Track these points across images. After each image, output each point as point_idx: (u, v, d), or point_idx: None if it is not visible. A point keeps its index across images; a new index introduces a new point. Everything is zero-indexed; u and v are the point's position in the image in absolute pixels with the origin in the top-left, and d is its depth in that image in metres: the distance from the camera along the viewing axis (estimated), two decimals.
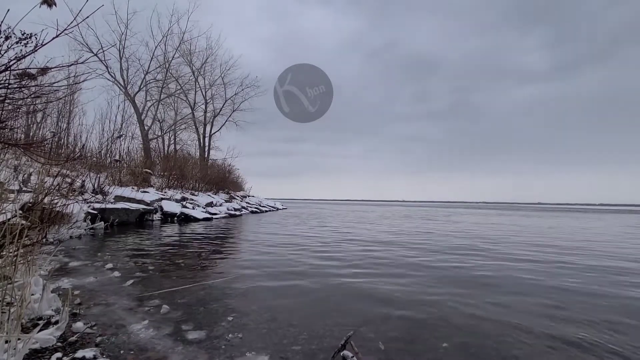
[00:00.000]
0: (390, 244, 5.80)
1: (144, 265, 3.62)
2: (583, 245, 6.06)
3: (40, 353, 1.55)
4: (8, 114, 2.64)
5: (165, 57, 16.57)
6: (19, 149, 4.19)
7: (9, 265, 1.84)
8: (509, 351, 1.73)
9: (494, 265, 4.07)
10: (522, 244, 6.18)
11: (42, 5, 1.85)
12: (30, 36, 2.07)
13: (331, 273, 3.48)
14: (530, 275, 3.51)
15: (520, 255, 4.85)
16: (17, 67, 2.15)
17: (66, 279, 2.89)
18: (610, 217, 19.86)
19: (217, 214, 12.46)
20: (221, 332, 1.88)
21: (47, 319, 1.90)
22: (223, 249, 5.01)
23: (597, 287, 3.11)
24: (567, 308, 2.46)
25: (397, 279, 3.26)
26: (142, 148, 15.64)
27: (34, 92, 2.57)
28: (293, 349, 1.70)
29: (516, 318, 2.21)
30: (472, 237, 7.11)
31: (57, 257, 3.78)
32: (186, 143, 20.51)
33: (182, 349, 1.66)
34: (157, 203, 10.18)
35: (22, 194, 4.80)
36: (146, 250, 4.58)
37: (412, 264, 4.07)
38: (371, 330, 1.97)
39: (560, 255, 4.85)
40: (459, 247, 5.60)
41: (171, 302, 2.34)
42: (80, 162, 9.50)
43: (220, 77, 19.94)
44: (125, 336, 1.77)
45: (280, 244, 5.59)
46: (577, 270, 3.83)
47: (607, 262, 4.40)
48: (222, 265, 3.85)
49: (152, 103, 17.01)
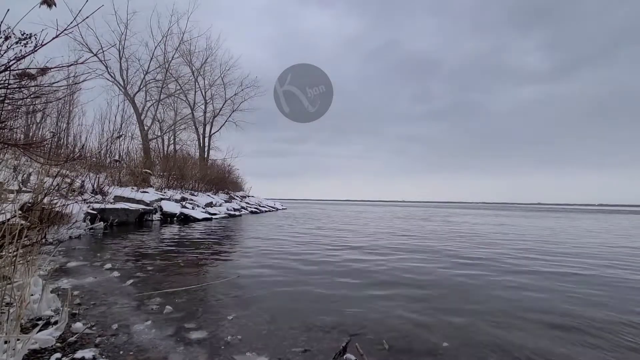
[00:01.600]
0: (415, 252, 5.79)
1: (143, 265, 3.62)
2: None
3: (40, 353, 1.54)
4: (8, 114, 2.64)
5: (165, 57, 16.57)
6: (18, 149, 4.18)
7: (9, 266, 1.84)
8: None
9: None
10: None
11: (42, 5, 1.85)
12: (29, 36, 2.07)
13: (331, 273, 3.48)
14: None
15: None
16: (17, 67, 2.14)
17: (65, 279, 2.89)
18: (604, 217, 19.90)
19: (217, 214, 12.45)
20: (221, 332, 1.88)
21: (47, 319, 1.89)
22: (222, 250, 5.01)
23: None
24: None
25: (419, 291, 3.25)
26: (141, 148, 15.62)
27: (33, 92, 2.57)
28: (293, 350, 1.70)
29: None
30: (468, 241, 7.10)
31: (56, 258, 3.78)
32: (186, 143, 20.54)
33: (183, 349, 1.65)
34: (156, 203, 10.17)
35: (21, 194, 4.79)
36: (145, 251, 4.57)
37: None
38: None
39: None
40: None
41: (170, 303, 2.34)
42: (80, 162, 9.49)
43: (220, 77, 19.98)
44: (125, 336, 1.77)
45: (280, 244, 5.58)
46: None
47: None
48: (221, 265, 3.84)
49: (151, 103, 17.02)
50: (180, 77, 18.02)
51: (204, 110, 20.19)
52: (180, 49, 17.16)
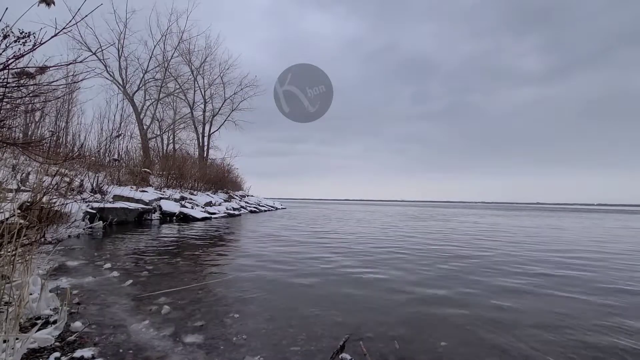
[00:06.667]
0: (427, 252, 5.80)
1: (142, 265, 3.61)
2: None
3: (39, 353, 1.54)
4: (6, 113, 2.64)
5: (164, 57, 16.52)
6: (17, 148, 4.18)
7: (7, 265, 1.83)
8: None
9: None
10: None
11: (41, 4, 1.85)
12: (28, 35, 2.06)
13: (331, 273, 3.49)
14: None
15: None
16: (16, 65, 2.14)
17: (65, 278, 2.88)
18: (599, 216, 19.95)
19: (216, 214, 12.45)
20: (220, 331, 1.88)
21: (46, 318, 1.89)
22: (221, 249, 5.00)
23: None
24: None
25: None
26: (140, 147, 15.58)
27: (32, 91, 2.56)
28: (292, 349, 1.70)
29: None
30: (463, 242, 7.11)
31: (55, 257, 3.77)
32: (185, 142, 20.51)
33: (181, 349, 1.65)
34: (155, 202, 10.16)
35: (20, 193, 4.78)
36: (145, 250, 4.57)
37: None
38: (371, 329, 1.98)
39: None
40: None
41: (170, 302, 2.34)
42: (79, 161, 9.47)
43: (220, 76, 19.90)
44: (124, 336, 1.77)
45: (279, 244, 5.58)
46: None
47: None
48: (220, 265, 3.84)
49: (151, 102, 16.96)
50: (180, 76, 17.98)
51: (203, 109, 20.15)
52: (180, 48, 17.12)
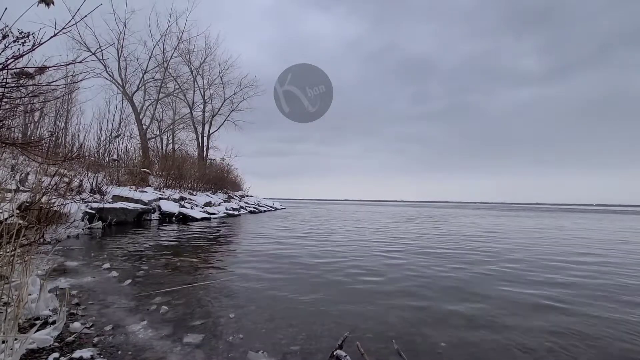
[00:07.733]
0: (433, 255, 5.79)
1: (141, 265, 3.61)
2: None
3: (38, 353, 1.54)
4: (5, 113, 2.64)
5: (164, 57, 16.51)
6: (16, 148, 4.17)
7: (6, 265, 1.83)
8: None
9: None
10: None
11: (40, 4, 1.85)
12: (28, 35, 2.06)
13: (331, 273, 3.49)
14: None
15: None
16: (15, 65, 2.14)
17: (64, 278, 2.88)
18: (596, 216, 19.99)
19: (216, 214, 12.44)
20: (219, 331, 1.88)
21: (45, 319, 1.89)
22: (221, 249, 5.00)
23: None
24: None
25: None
26: (140, 147, 15.57)
27: (31, 91, 2.56)
28: (292, 349, 1.70)
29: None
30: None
31: (54, 257, 3.76)
32: (184, 143, 20.47)
33: (180, 349, 1.65)
34: (155, 203, 10.15)
35: (19, 194, 4.77)
36: (144, 250, 4.56)
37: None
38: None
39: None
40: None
41: (169, 302, 2.34)
42: (78, 161, 9.46)
43: (219, 76, 19.89)
44: (123, 336, 1.76)
45: (278, 244, 5.58)
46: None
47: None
48: (219, 265, 3.84)
49: (150, 102, 16.95)
50: (179, 77, 17.97)
51: (203, 109, 20.14)
52: (179, 48, 17.11)
